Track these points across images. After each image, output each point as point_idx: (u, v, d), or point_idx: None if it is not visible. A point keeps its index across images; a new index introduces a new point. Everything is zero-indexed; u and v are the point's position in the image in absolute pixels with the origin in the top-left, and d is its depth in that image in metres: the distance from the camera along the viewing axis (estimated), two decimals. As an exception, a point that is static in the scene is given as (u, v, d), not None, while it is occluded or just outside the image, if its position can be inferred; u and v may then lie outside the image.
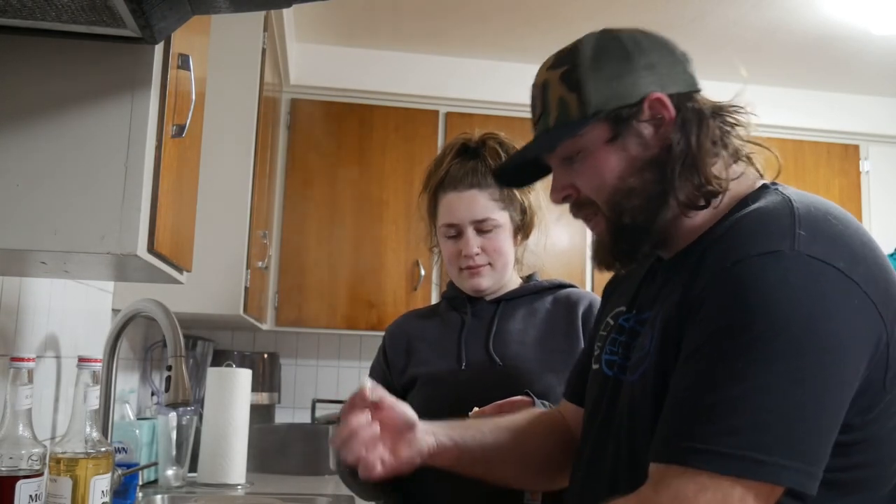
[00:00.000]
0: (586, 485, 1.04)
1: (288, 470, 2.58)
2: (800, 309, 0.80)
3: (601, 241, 1.02)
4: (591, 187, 0.99)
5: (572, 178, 1.00)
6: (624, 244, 0.99)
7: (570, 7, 2.87)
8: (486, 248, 1.48)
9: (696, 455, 0.79)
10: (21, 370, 1.21)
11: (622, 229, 0.98)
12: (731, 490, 0.78)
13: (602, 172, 0.97)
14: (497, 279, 1.52)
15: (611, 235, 0.99)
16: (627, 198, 0.96)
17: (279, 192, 3.16)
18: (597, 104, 0.96)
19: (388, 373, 1.56)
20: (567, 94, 0.97)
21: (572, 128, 0.97)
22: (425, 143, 3.27)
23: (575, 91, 0.97)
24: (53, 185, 1.03)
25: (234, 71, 2.31)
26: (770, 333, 0.79)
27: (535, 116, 1.03)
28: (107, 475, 1.35)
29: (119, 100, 1.06)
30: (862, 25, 2.96)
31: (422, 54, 3.36)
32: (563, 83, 0.98)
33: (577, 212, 1.03)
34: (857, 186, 3.55)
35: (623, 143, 0.96)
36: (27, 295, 1.51)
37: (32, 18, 0.96)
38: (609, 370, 1.04)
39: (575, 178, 1.00)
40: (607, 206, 0.98)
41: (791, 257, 0.82)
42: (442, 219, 1.52)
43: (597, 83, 0.96)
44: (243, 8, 0.98)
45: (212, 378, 2.29)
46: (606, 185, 0.97)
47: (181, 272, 1.38)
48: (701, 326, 0.85)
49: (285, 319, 3.11)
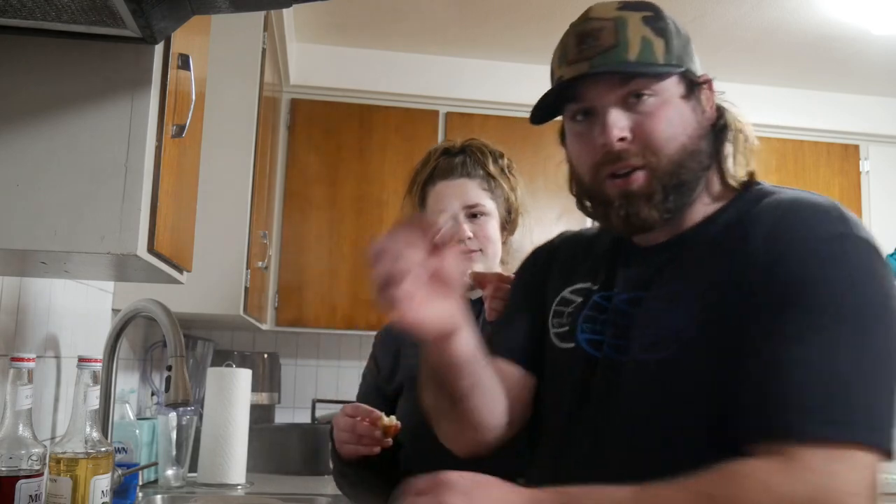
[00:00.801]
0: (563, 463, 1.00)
1: (288, 470, 2.58)
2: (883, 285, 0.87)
3: (640, 196, 0.97)
4: (660, 136, 0.96)
5: (634, 122, 0.97)
6: (675, 201, 0.97)
7: (570, 7, 2.87)
8: (477, 234, 1.48)
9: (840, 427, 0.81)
10: (21, 370, 1.21)
11: (678, 186, 0.97)
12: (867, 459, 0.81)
13: (676, 124, 0.97)
14: (487, 266, 1.51)
15: (664, 190, 0.96)
16: (691, 157, 0.97)
17: (279, 192, 3.16)
18: (678, 58, 0.99)
19: (378, 379, 1.56)
20: (653, 37, 0.97)
21: (657, 69, 0.97)
22: (425, 143, 3.24)
23: (661, 37, 0.98)
24: (53, 185, 1.03)
25: (234, 71, 2.31)
26: (867, 308, 0.85)
27: (600, 48, 0.97)
28: (107, 475, 1.35)
29: (119, 100, 1.06)
30: (862, 25, 2.96)
31: (422, 54, 3.36)
32: (647, 25, 0.98)
33: (616, 162, 0.97)
34: (857, 186, 3.55)
35: (693, 104, 1.00)
36: (27, 295, 1.51)
37: (32, 18, 0.96)
38: (595, 350, 1.01)
39: (641, 122, 0.97)
40: (669, 160, 0.96)
41: (857, 239, 0.89)
42: (432, 208, 1.52)
43: (678, 40, 1.00)
44: (243, 8, 0.98)
45: (212, 378, 2.29)
46: (677, 138, 0.97)
47: (181, 272, 1.38)
48: (788, 304, 0.86)
49: (285, 319, 3.11)
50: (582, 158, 1.02)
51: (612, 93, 0.97)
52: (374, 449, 1.30)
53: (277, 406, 3.11)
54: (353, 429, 1.30)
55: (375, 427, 1.29)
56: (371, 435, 1.29)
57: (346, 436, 1.32)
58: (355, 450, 1.31)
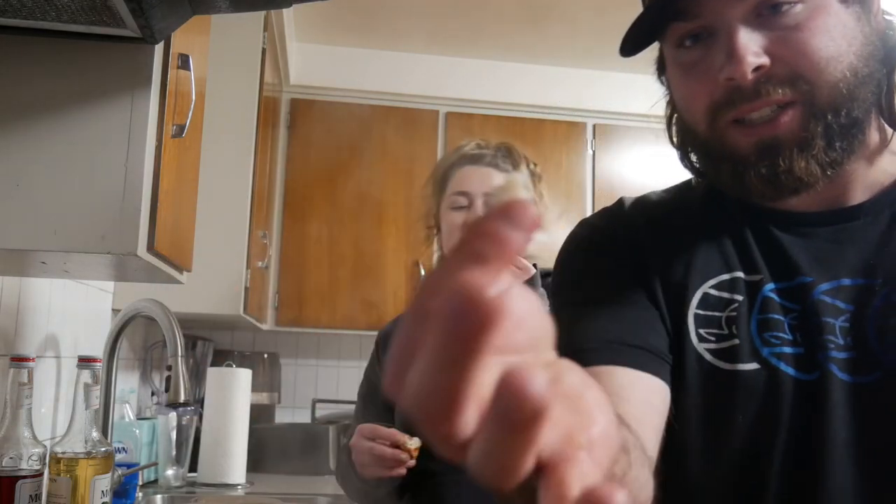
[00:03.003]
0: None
1: (288, 470, 2.58)
2: None
3: (792, 144, 0.70)
4: (817, 55, 0.69)
5: (773, 41, 0.70)
6: (844, 148, 0.70)
7: (570, 7, 2.87)
8: None
9: None
10: (21, 370, 1.21)
11: (848, 127, 0.70)
12: None
13: (836, 36, 0.69)
14: None
15: (826, 133, 0.69)
16: (862, 83, 0.70)
17: (279, 192, 3.16)
18: None
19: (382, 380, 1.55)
20: None
21: None
22: (425, 143, 3.27)
23: None
24: (53, 185, 1.03)
25: (234, 71, 2.32)
26: None
27: None
28: (107, 475, 1.35)
29: (119, 100, 1.06)
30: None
31: (422, 54, 3.36)
32: None
33: (753, 100, 0.70)
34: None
35: (857, 11, 0.71)
36: (27, 295, 1.51)
37: (32, 18, 0.96)
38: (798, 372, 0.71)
39: (785, 39, 0.69)
40: (832, 86, 0.69)
41: None
42: (453, 187, 1.50)
43: None
44: (243, 8, 0.98)
45: (212, 378, 2.29)
46: (841, 56, 0.69)
47: (181, 272, 1.38)
48: None
49: (285, 319, 3.11)
50: (695, 99, 0.74)
51: (743, 7, 0.70)
52: (400, 470, 1.29)
53: (277, 406, 3.11)
54: (372, 451, 1.29)
55: (399, 451, 1.28)
56: (396, 458, 1.28)
57: (366, 458, 1.31)
58: (378, 472, 1.30)
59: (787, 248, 0.75)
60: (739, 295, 0.74)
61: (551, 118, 3.24)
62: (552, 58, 3.32)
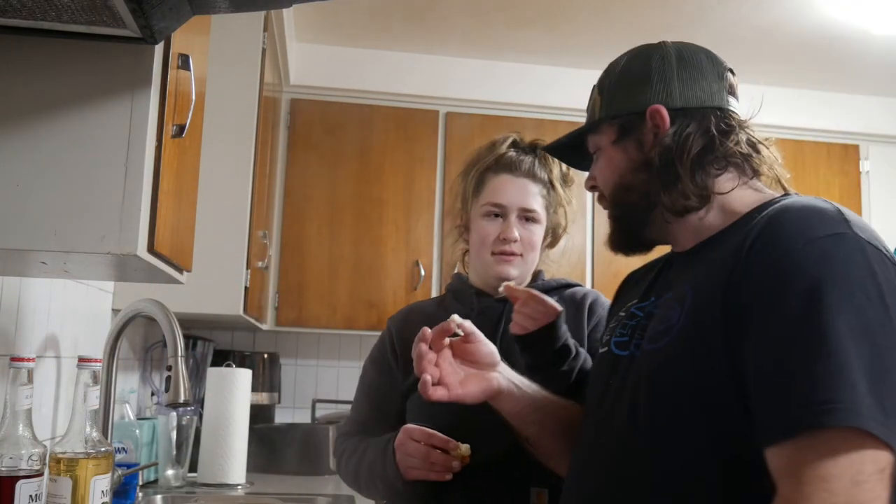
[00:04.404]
0: (588, 466, 1.07)
1: (288, 470, 2.58)
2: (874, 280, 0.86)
3: (610, 229, 1.15)
4: (601, 180, 1.14)
5: (594, 171, 1.15)
6: (621, 233, 1.13)
7: (570, 7, 2.87)
8: (523, 238, 1.49)
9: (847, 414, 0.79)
10: (21, 370, 1.21)
11: (618, 219, 1.13)
12: None
13: (607, 168, 1.12)
14: (523, 272, 1.51)
15: (612, 224, 1.14)
16: (625, 192, 1.10)
17: (279, 192, 3.16)
18: (609, 109, 1.12)
19: (395, 368, 1.53)
20: (596, 97, 1.15)
21: (591, 126, 1.15)
22: (425, 143, 3.27)
23: (600, 95, 1.14)
24: (53, 185, 1.03)
25: (234, 71, 2.32)
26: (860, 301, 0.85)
27: None
28: (107, 475, 1.35)
29: (119, 100, 1.06)
30: (862, 25, 2.96)
31: (422, 54, 3.36)
32: (596, 88, 1.15)
33: (600, 200, 1.16)
34: (857, 186, 3.55)
35: (624, 145, 1.10)
36: (27, 295, 1.51)
37: (32, 18, 0.96)
38: (621, 350, 1.09)
39: (595, 171, 1.15)
40: (610, 198, 1.13)
41: (854, 239, 0.89)
42: (487, 197, 1.51)
43: (617, 91, 1.12)
44: (243, 8, 0.98)
45: (212, 378, 2.30)
46: (609, 180, 1.12)
47: (181, 272, 1.38)
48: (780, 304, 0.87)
49: (285, 319, 3.11)
50: None
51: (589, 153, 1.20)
52: (447, 476, 1.29)
53: (277, 406, 3.12)
54: (427, 457, 1.29)
55: (451, 457, 1.28)
56: (447, 464, 1.28)
57: (416, 462, 1.30)
58: (425, 475, 1.30)
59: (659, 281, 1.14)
60: (625, 312, 1.14)
61: (552, 118, 3.24)
62: (552, 58, 3.32)
